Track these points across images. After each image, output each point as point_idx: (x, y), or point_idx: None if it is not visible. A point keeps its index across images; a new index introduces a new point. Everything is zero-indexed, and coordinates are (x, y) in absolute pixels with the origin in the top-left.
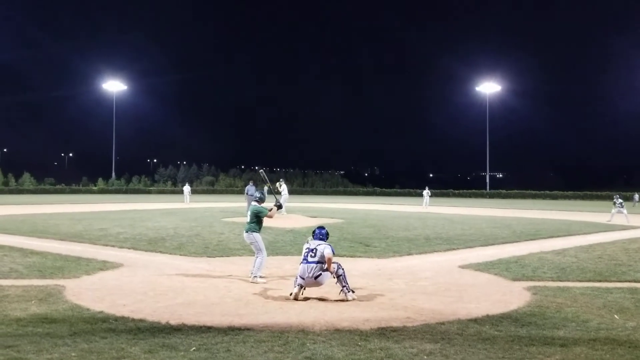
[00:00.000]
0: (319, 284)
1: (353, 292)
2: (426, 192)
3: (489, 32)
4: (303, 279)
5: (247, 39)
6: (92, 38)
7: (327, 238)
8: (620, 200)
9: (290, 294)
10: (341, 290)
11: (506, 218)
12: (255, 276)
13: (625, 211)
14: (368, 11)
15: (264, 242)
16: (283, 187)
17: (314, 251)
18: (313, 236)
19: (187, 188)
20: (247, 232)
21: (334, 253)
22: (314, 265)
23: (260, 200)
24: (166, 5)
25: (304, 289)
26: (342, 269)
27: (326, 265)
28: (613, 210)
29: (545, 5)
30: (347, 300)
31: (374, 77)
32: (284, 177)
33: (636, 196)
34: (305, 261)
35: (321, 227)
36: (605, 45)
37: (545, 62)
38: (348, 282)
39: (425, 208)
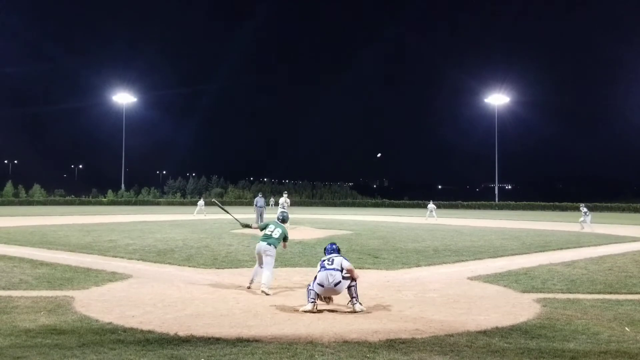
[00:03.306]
0: (337, 292)
1: (361, 304)
2: (431, 205)
3: (497, 44)
4: (322, 286)
5: (255, 52)
6: (102, 51)
7: (339, 252)
8: (585, 210)
9: (304, 311)
10: (349, 300)
11: (515, 229)
12: (268, 284)
13: (587, 220)
14: (376, 25)
15: (277, 252)
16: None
17: (330, 260)
18: (325, 253)
19: (201, 201)
20: (269, 244)
21: (347, 260)
22: (334, 271)
23: (284, 220)
24: (176, 19)
25: (320, 299)
26: (355, 280)
27: (345, 272)
28: (580, 219)
29: (554, 16)
30: (355, 312)
31: (383, 90)
32: (286, 192)
33: None
34: (324, 268)
35: (332, 243)
36: (615, 56)
37: (554, 74)
38: (358, 294)
39: (427, 220)
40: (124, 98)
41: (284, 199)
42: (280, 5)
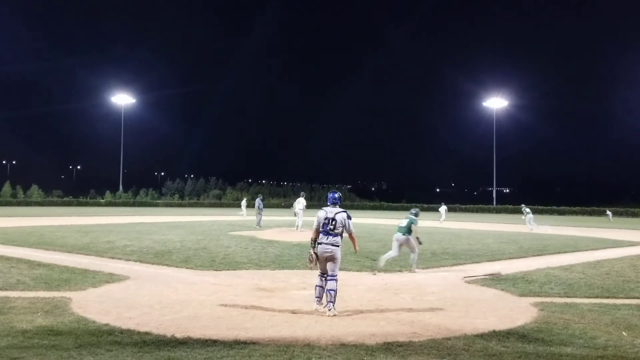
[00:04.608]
0: (334, 254)
1: (334, 309)
2: (443, 208)
3: (496, 47)
4: (320, 244)
5: (254, 54)
6: (101, 52)
7: (340, 201)
8: (527, 210)
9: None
10: (326, 304)
11: (513, 233)
12: (414, 265)
13: (528, 220)
14: (374, 28)
15: (275, 254)
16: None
17: (333, 222)
18: (327, 201)
19: (244, 202)
20: (403, 234)
21: (349, 218)
22: (335, 237)
23: (416, 215)
24: (174, 20)
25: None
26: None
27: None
28: (527, 220)
29: (553, 20)
30: (329, 314)
31: (381, 93)
32: (303, 192)
33: (609, 213)
34: (326, 233)
35: (334, 192)
36: (613, 60)
37: (553, 78)
38: (336, 298)
39: (442, 223)
40: (122, 99)
41: (302, 200)
42: (280, 7)
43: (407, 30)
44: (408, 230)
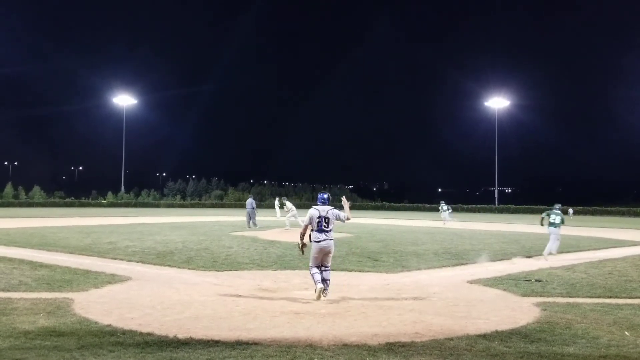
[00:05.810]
0: (330, 248)
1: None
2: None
3: (498, 47)
4: (318, 241)
5: (254, 53)
6: (102, 52)
7: (329, 202)
8: (446, 207)
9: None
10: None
11: (515, 233)
12: (555, 252)
13: (447, 216)
14: (377, 26)
15: (277, 254)
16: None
17: (326, 220)
18: (317, 201)
19: (277, 202)
20: (555, 227)
21: (338, 210)
22: (330, 233)
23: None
24: (176, 19)
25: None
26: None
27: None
28: (442, 216)
29: (554, 19)
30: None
31: (383, 93)
32: (285, 197)
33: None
34: (322, 230)
35: (323, 192)
36: (615, 59)
37: (554, 77)
38: (329, 288)
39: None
40: (124, 100)
41: (290, 204)
42: (277, 3)
43: (409, 29)
44: (559, 224)
